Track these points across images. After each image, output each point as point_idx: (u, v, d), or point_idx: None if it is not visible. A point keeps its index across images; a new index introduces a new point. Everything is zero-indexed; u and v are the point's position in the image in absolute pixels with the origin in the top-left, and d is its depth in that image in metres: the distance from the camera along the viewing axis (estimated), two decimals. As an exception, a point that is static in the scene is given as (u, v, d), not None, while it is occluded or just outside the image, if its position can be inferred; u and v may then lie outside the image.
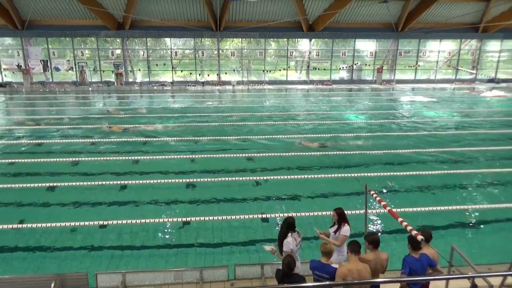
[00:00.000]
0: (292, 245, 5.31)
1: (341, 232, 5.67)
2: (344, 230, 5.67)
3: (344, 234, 5.65)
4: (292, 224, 5.45)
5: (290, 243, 5.30)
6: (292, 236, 5.37)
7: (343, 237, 5.65)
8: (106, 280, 6.09)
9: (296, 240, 5.40)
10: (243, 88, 31.16)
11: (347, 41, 34.49)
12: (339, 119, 19.61)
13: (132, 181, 10.88)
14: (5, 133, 16.48)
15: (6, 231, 8.12)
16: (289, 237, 5.34)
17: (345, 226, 5.70)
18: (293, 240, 5.34)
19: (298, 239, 5.46)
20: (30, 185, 10.42)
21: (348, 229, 5.68)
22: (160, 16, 30.56)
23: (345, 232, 5.66)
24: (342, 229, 5.68)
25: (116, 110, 21.70)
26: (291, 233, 5.39)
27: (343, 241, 5.65)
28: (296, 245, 5.39)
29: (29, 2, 28.33)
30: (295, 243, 5.36)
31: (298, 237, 5.48)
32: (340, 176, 11.25)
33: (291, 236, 5.35)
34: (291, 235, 5.37)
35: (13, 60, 31.50)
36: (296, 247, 5.39)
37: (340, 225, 5.72)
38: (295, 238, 5.38)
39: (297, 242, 5.42)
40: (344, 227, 5.69)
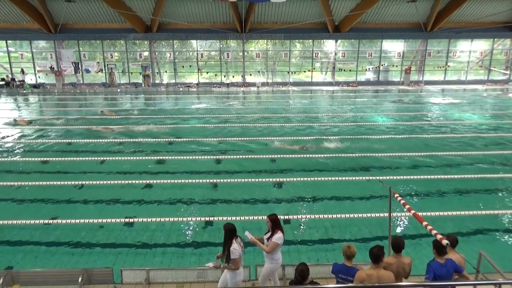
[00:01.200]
0: (239, 251, 5.26)
1: (273, 239, 5.51)
2: (276, 237, 5.51)
3: (275, 242, 5.49)
4: (233, 230, 5.37)
5: (237, 249, 5.24)
6: (237, 242, 5.31)
7: (273, 244, 5.49)
8: (130, 276, 6.25)
9: (241, 245, 5.36)
10: (267, 90, 31.19)
11: (374, 42, 33.95)
12: (364, 120, 19.33)
13: (158, 180, 11.09)
14: (39, 132, 17.14)
15: (38, 226, 8.47)
16: (234, 244, 5.26)
17: (278, 233, 5.53)
18: (238, 246, 5.29)
19: (241, 244, 5.41)
20: (61, 183, 10.82)
21: (279, 237, 5.51)
22: (186, 19, 31.03)
23: (276, 239, 5.50)
24: (273, 236, 5.52)
25: (141, 111, 22.20)
26: (235, 240, 5.32)
27: (272, 248, 5.51)
28: (242, 250, 5.36)
29: (62, 7, 29.39)
30: (240, 248, 5.32)
31: (241, 242, 5.43)
32: (363, 178, 11.09)
33: (236, 242, 5.29)
34: (235, 241, 5.30)
35: (46, 62, 32.75)
36: (241, 252, 5.34)
37: (274, 232, 5.57)
38: (239, 244, 5.34)
39: (241, 247, 5.38)
40: (276, 234, 5.53)
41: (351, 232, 8.26)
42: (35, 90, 30.97)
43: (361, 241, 7.84)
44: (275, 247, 5.51)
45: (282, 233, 5.57)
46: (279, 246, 5.55)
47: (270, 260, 5.64)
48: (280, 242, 5.51)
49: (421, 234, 7.89)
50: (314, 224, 8.63)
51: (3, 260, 7.28)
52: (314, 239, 8.05)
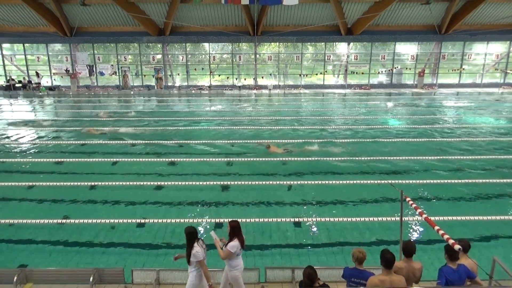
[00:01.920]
0: (201, 254, 5.21)
1: (227, 246, 5.43)
2: (230, 245, 5.40)
3: (228, 250, 5.39)
4: (194, 233, 5.31)
5: (199, 253, 5.20)
6: (198, 244, 5.26)
7: (226, 251, 5.41)
8: (141, 277, 6.30)
9: (202, 247, 5.31)
10: (279, 92, 31.19)
11: (387, 44, 33.68)
12: (376, 123, 19.16)
13: (169, 182, 11.17)
14: (54, 133, 17.43)
15: (51, 225, 8.60)
16: (196, 247, 5.21)
17: (234, 241, 5.41)
18: (201, 248, 5.24)
19: (204, 246, 5.36)
20: (74, 183, 10.97)
21: (233, 245, 5.38)
22: (199, 22, 31.26)
23: (230, 247, 5.38)
24: (228, 244, 5.44)
25: (154, 113, 22.41)
26: (196, 242, 5.26)
27: (226, 255, 5.42)
28: (204, 253, 5.32)
29: (77, 11, 29.90)
30: (202, 250, 5.27)
31: (203, 244, 5.38)
32: (375, 182, 10.99)
33: (197, 245, 5.23)
34: (197, 244, 5.25)
35: (62, 65, 33.33)
36: (204, 254, 5.31)
37: (231, 239, 5.46)
38: (201, 246, 5.29)
39: (203, 249, 5.33)
40: (232, 242, 5.41)
41: (362, 236, 8.19)
42: (51, 92, 31.54)
43: (372, 245, 7.77)
44: (229, 255, 5.40)
45: (239, 242, 5.43)
46: (234, 255, 5.40)
47: (228, 267, 5.58)
48: (233, 250, 5.36)
49: (432, 239, 7.78)
50: (324, 227, 8.58)
51: (17, 258, 7.42)
52: (324, 242, 8.00)
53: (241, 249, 5.48)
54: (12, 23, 31.24)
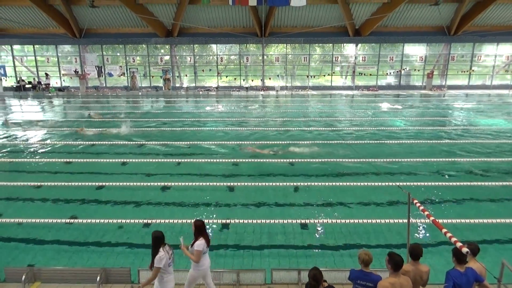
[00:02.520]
0: (165, 259, 5.16)
1: (194, 246, 5.44)
2: (196, 244, 5.43)
3: (196, 249, 5.41)
4: (160, 237, 5.25)
5: (163, 258, 5.13)
6: (164, 249, 5.21)
7: (196, 252, 5.42)
8: (147, 277, 6.30)
9: (169, 253, 5.26)
10: (286, 94, 31.17)
11: (395, 46, 33.49)
12: (383, 125, 19.05)
13: (175, 182, 11.21)
14: (62, 134, 17.60)
15: (59, 225, 8.68)
16: (161, 252, 5.16)
17: (199, 240, 5.45)
18: (165, 254, 5.18)
19: (170, 252, 5.31)
20: (82, 183, 11.06)
21: (200, 244, 5.41)
22: (206, 23, 31.38)
23: (197, 246, 5.41)
24: (195, 244, 5.45)
25: (162, 114, 22.52)
26: (162, 247, 5.21)
27: (198, 256, 5.43)
28: (169, 258, 5.26)
29: (86, 12, 30.20)
30: (168, 256, 5.23)
31: (169, 250, 5.33)
32: (382, 184, 10.91)
33: (163, 251, 5.19)
34: (162, 249, 5.20)
35: (71, 66, 33.67)
36: (169, 260, 5.26)
37: (197, 238, 5.48)
38: (167, 252, 5.24)
39: (170, 255, 5.28)
40: (198, 241, 5.44)
41: (369, 238, 8.14)
42: (60, 93, 31.86)
43: (379, 248, 7.72)
44: (199, 254, 5.42)
45: (204, 240, 5.47)
46: (202, 253, 5.45)
47: (193, 267, 5.57)
48: (201, 248, 5.40)
49: (440, 242, 7.71)
50: (331, 229, 8.54)
51: (25, 257, 7.50)
52: (331, 244, 7.97)
53: (207, 247, 5.53)
54: (22, 24, 31.63)
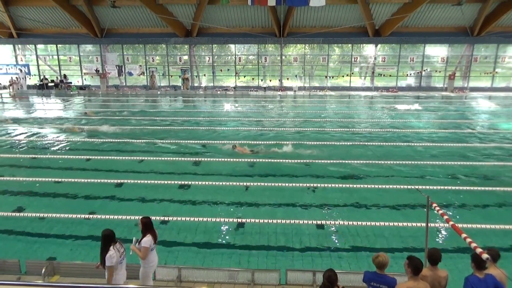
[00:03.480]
0: (115, 258, 5.13)
1: (142, 243, 5.46)
2: (144, 241, 5.47)
3: (144, 246, 5.44)
4: (110, 236, 5.23)
5: (113, 257, 5.11)
6: (115, 248, 5.18)
7: (143, 249, 5.45)
8: (163, 273, 6.40)
9: (119, 251, 5.25)
10: (304, 94, 31.03)
11: (416, 46, 32.93)
12: (403, 127, 18.76)
13: (192, 181, 11.30)
14: (83, 131, 17.97)
15: (78, 220, 8.87)
16: (111, 251, 5.13)
17: (147, 237, 5.48)
18: (116, 252, 5.15)
19: (121, 250, 5.31)
20: (101, 180, 11.28)
21: (147, 240, 5.45)
22: (225, 23, 31.52)
23: (144, 243, 5.44)
24: (142, 240, 5.48)
25: (180, 113, 22.74)
26: (113, 246, 5.18)
27: (145, 253, 5.45)
28: (120, 256, 5.24)
29: (108, 12, 30.75)
30: (119, 255, 5.21)
31: (121, 248, 5.33)
32: (401, 187, 10.75)
33: (113, 249, 5.15)
34: (113, 247, 5.16)
35: (92, 65, 34.34)
36: (120, 258, 5.24)
37: (144, 235, 5.52)
38: (117, 250, 5.22)
39: (120, 253, 5.27)
40: (145, 237, 5.48)
41: (386, 241, 8.03)
42: (81, 91, 32.53)
43: (396, 251, 7.61)
44: (146, 251, 5.45)
45: (151, 237, 5.51)
46: (149, 249, 5.48)
47: (143, 264, 5.61)
48: (148, 245, 5.43)
49: (459, 247, 7.54)
50: (347, 231, 8.46)
51: (45, 251, 7.69)
52: (347, 246, 7.89)
53: (154, 243, 5.58)
54: (46, 24, 32.44)
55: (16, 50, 34.64)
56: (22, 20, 32.36)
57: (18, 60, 34.78)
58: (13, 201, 10.13)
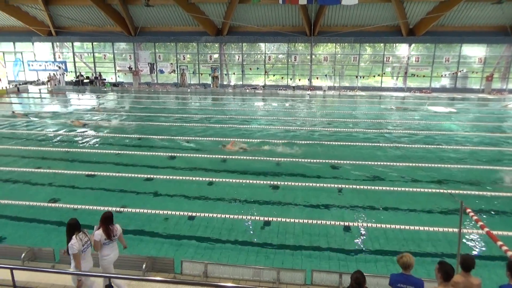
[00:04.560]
0: (77, 246, 5.28)
1: (94, 235, 5.63)
2: (95, 233, 5.62)
3: (94, 239, 5.59)
4: (73, 225, 5.42)
5: (75, 245, 5.27)
6: (77, 237, 5.35)
7: (94, 242, 5.60)
8: (189, 268, 6.50)
9: (82, 240, 5.40)
10: (334, 94, 30.65)
11: (452, 46, 31.82)
12: (436, 129, 18.19)
13: (220, 178, 11.40)
14: (115, 127, 18.49)
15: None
16: (73, 239, 5.32)
17: (98, 230, 5.63)
18: (78, 241, 5.32)
19: (84, 239, 5.45)
20: (132, 175, 11.58)
21: (97, 233, 5.59)
22: (256, 22, 31.57)
23: (95, 236, 5.60)
24: (94, 233, 5.64)
25: (210, 111, 23.01)
26: (76, 235, 5.35)
27: (96, 246, 5.59)
28: (83, 245, 5.39)
29: (141, 11, 31.47)
30: (81, 243, 5.36)
31: (84, 237, 5.47)
32: (433, 191, 10.44)
33: (75, 238, 5.33)
34: (75, 236, 5.34)
35: (125, 62, 35.25)
36: (83, 246, 5.40)
37: (99, 227, 5.69)
38: (80, 239, 5.37)
39: (83, 242, 5.42)
40: (97, 230, 5.64)
41: (415, 245, 7.83)
42: (115, 88, 33.48)
43: (425, 256, 7.40)
44: (95, 243, 5.59)
45: (103, 231, 5.61)
46: (99, 243, 5.58)
47: (99, 257, 5.73)
48: (97, 239, 5.56)
49: (494, 255, 7.24)
50: (375, 233, 8.31)
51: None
52: (375, 249, 7.75)
53: (106, 238, 5.63)
54: (83, 23, 33.58)
55: (55, 47, 36.03)
56: (60, 19, 33.63)
57: (56, 57, 36.19)
58: (49, 192, 10.56)
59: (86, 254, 5.51)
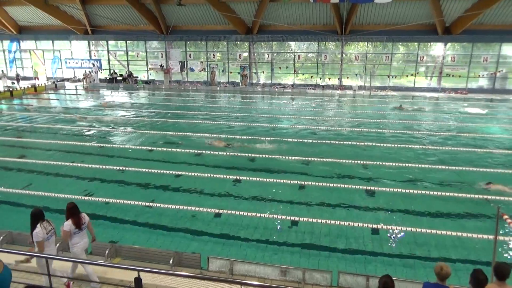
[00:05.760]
0: (42, 234, 5.55)
1: (63, 226, 5.89)
2: (64, 224, 5.90)
3: (62, 229, 5.88)
4: (37, 214, 5.66)
5: (39, 233, 5.53)
6: (42, 225, 5.60)
7: (63, 232, 5.88)
8: (216, 264, 6.55)
9: (47, 229, 5.66)
10: (364, 94, 30.09)
11: (491, 45, 30.50)
12: (472, 131, 17.49)
13: (247, 177, 11.43)
14: (146, 123, 18.92)
15: (139, 207, 9.37)
16: (37, 228, 5.55)
17: (67, 221, 5.89)
18: (42, 229, 5.58)
19: (48, 227, 5.72)
20: (162, 171, 11.81)
21: (66, 224, 5.87)
22: (286, 21, 31.43)
23: (64, 226, 5.88)
24: (63, 224, 5.90)
25: (238, 109, 23.13)
26: (40, 223, 5.60)
27: (63, 235, 5.89)
28: (47, 233, 5.66)
29: (173, 10, 32.01)
30: (45, 231, 5.62)
31: (48, 226, 5.74)
32: (467, 196, 10.05)
33: (40, 226, 5.57)
34: (40, 225, 5.58)
35: (157, 61, 35.97)
36: (47, 235, 5.66)
37: (67, 219, 5.93)
38: (44, 227, 5.63)
39: (48, 230, 5.69)
40: (66, 222, 5.90)
41: (447, 251, 7.57)
42: (146, 86, 34.23)
43: (457, 262, 7.15)
44: (64, 234, 5.88)
45: (72, 221, 5.87)
46: (69, 233, 5.86)
47: (70, 245, 6.00)
48: (66, 229, 5.85)
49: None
50: (405, 237, 8.10)
51: (109, 234, 8.20)
52: (404, 253, 7.55)
53: (75, 228, 5.91)
54: (117, 22, 34.53)
55: (90, 45, 37.27)
56: (96, 18, 34.72)
57: (92, 55, 37.40)
58: (83, 185, 10.93)
59: (49, 242, 5.80)
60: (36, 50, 37.46)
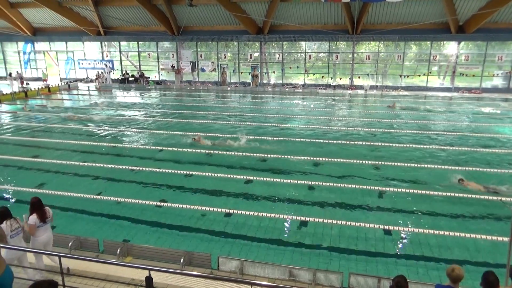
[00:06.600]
0: (6, 231, 5.67)
1: (28, 221, 6.02)
2: (29, 219, 6.03)
3: (29, 223, 6.01)
4: (3, 213, 5.81)
5: (3, 230, 5.65)
6: (7, 223, 5.75)
7: (29, 226, 6.00)
8: (226, 264, 6.56)
9: (12, 226, 5.79)
10: (376, 93, 29.82)
11: (506, 44, 29.95)
12: (486, 131, 17.20)
13: (258, 177, 11.42)
14: (156, 124, 19.05)
15: (150, 206, 9.43)
16: (3, 225, 5.70)
17: (32, 216, 6.02)
18: (7, 227, 5.72)
19: (15, 225, 5.84)
20: (172, 171, 11.88)
21: (31, 219, 6.00)
22: (297, 20, 31.34)
23: (29, 221, 6.02)
24: (29, 218, 6.03)
25: (248, 110, 23.13)
26: (6, 221, 5.75)
27: (30, 229, 6.01)
28: (11, 231, 5.76)
29: (184, 11, 32.17)
30: (10, 229, 5.74)
31: (15, 223, 5.86)
32: (481, 197, 9.89)
33: (5, 224, 5.72)
34: (5, 223, 5.73)
35: (168, 61, 36.21)
36: (12, 232, 5.76)
37: (31, 213, 6.05)
38: (10, 225, 5.77)
39: (13, 228, 5.80)
40: (31, 216, 6.03)
41: (461, 253, 7.46)
42: (158, 86, 34.48)
43: (470, 264, 7.03)
44: (31, 228, 6.01)
45: (37, 216, 6.02)
46: (35, 226, 6.01)
47: (31, 239, 6.16)
48: (33, 223, 6.00)
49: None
50: (417, 238, 8.00)
51: (121, 233, 8.28)
52: (416, 254, 7.46)
53: (40, 222, 6.07)
54: (129, 23, 34.84)
55: (103, 46, 37.68)
56: (109, 19, 35.10)
57: (104, 56, 37.81)
58: (95, 184, 11.06)
59: (15, 240, 5.88)
60: (50, 51, 38.00)
